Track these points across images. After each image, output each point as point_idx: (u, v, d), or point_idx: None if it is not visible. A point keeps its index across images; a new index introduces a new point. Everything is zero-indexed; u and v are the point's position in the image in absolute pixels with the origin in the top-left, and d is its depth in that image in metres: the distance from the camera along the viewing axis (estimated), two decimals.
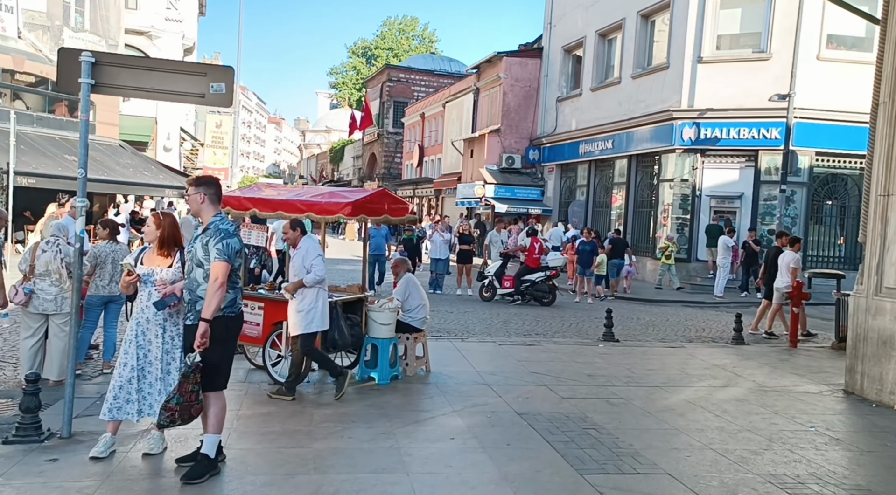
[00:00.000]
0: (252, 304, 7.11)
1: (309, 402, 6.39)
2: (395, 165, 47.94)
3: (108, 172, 19.45)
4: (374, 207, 6.77)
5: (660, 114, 20.30)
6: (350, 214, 6.46)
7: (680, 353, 9.38)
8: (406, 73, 48.09)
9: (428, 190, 38.25)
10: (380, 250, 15.32)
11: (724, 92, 19.05)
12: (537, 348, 9.38)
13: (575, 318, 12.76)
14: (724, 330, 12.09)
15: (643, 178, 22.27)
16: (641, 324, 12.43)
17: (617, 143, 22.80)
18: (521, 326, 11.51)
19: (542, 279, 14.42)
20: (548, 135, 27.41)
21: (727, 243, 17.16)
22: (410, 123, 44.46)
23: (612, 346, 9.71)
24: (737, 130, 18.99)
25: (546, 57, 28.03)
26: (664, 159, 20.64)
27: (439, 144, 37.69)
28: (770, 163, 18.83)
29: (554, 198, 27.44)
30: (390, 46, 67.72)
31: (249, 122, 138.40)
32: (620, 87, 22.96)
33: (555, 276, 14.72)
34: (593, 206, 24.96)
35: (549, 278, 14.52)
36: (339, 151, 66.36)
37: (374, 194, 6.88)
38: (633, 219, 22.52)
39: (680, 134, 19.66)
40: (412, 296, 7.53)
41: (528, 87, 28.49)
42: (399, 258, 7.93)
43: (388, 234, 16.20)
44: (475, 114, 31.58)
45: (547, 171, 28.09)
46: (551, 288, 14.54)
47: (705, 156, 19.74)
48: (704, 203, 19.83)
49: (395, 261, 7.91)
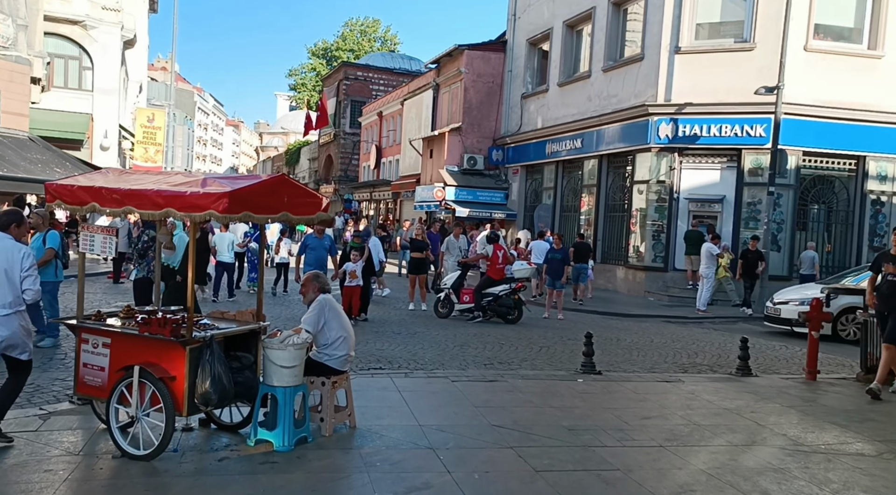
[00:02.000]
0: (95, 340, 4.97)
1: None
2: (352, 167, 45.69)
3: (11, 168, 16.96)
4: (264, 202, 4.67)
5: (634, 109, 18.61)
6: (226, 210, 4.37)
7: (679, 391, 7.48)
8: (364, 71, 45.92)
9: (385, 193, 36.14)
10: (320, 266, 11.09)
11: (704, 85, 17.42)
12: (501, 385, 7.38)
13: (545, 340, 10.81)
14: (719, 354, 10.26)
15: (615, 180, 20.54)
16: (623, 346, 10.53)
17: (587, 142, 21.05)
18: (481, 352, 9.51)
19: (507, 292, 12.46)
20: (512, 134, 25.57)
21: (711, 251, 15.45)
22: (368, 123, 42.30)
23: (594, 381, 7.77)
24: (718, 127, 17.36)
25: (510, 50, 26.22)
26: (638, 159, 18.93)
27: (398, 145, 35.63)
28: (755, 163, 17.22)
29: (519, 202, 25.59)
30: (351, 48, 65.62)
31: (206, 124, 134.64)
32: (590, 81, 21.23)
33: (520, 289, 12.78)
34: (561, 210, 23.17)
35: (515, 292, 12.57)
36: (294, 153, 63.78)
37: (266, 182, 4.76)
38: (603, 225, 20.76)
39: (656, 131, 17.97)
40: (329, 326, 5.45)
41: (490, 83, 26.64)
42: (312, 273, 5.83)
43: (333, 245, 11.94)
44: (435, 111, 29.61)
45: (511, 173, 26.24)
46: (517, 303, 12.58)
47: (683, 155, 18.08)
48: (682, 207, 18.16)
49: (306, 276, 5.83)
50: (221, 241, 13.83)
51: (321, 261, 11.01)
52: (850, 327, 12.19)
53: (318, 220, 5.33)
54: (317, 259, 10.99)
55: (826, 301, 10.30)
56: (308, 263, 11.00)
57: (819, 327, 8.27)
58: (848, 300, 12.06)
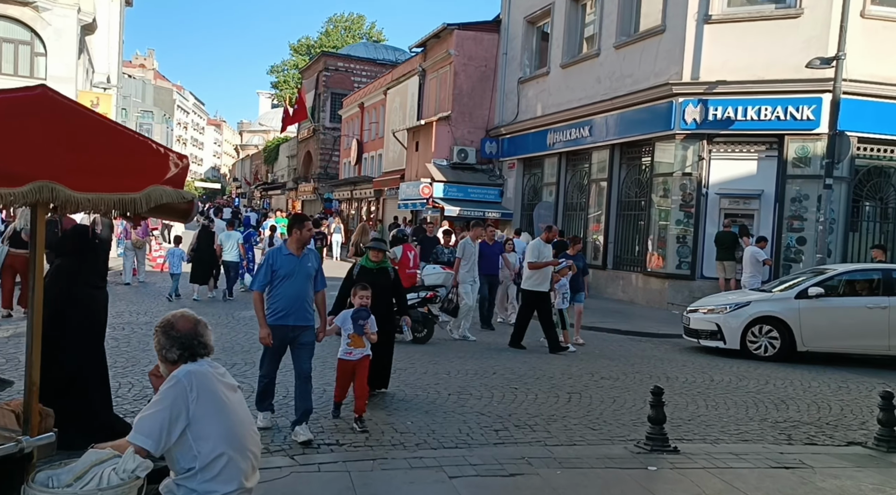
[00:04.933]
0: None
1: None
2: (332, 164, 42.70)
3: None
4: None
5: (653, 90, 15.88)
6: None
7: (817, 490, 4.67)
8: (345, 61, 42.93)
9: (367, 191, 33.21)
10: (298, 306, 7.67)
11: (739, 60, 14.72)
12: (528, 483, 4.53)
13: (572, 380, 7.96)
14: (814, 402, 7.46)
15: (630, 173, 17.79)
16: (678, 389, 7.72)
17: (595, 131, 18.29)
18: (486, 405, 6.65)
19: (416, 303, 9.96)
20: (508, 123, 22.77)
21: (757, 256, 12.75)
22: (348, 116, 39.34)
23: (672, 466, 4.96)
24: (756, 109, 14.65)
25: (505, 30, 23.42)
26: (659, 148, 16.21)
27: (380, 138, 32.72)
28: (800, 152, 14.53)
29: (515, 200, 22.79)
30: (335, 44, 62.87)
31: (186, 123, 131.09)
32: (599, 60, 18.47)
33: (432, 300, 10.34)
34: (564, 209, 20.39)
35: (426, 302, 10.19)
36: (273, 151, 60.68)
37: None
38: (615, 225, 18.00)
39: (681, 115, 15.26)
40: (195, 435, 2.60)
41: (483, 67, 23.82)
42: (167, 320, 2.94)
43: (321, 272, 5.90)
44: (421, 100, 26.74)
45: (507, 167, 23.43)
46: (426, 317, 10.12)
47: (714, 143, 15.37)
48: (712, 203, 15.45)
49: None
50: (228, 240, 13.87)
51: (300, 298, 5.49)
52: (761, 340, 10.21)
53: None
54: (295, 295, 5.44)
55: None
56: (278, 301, 5.45)
57: None
58: (760, 308, 10.27)
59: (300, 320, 5.41)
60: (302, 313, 5.42)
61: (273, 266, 5.40)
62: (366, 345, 5.77)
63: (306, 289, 5.46)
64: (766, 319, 10.22)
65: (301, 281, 5.41)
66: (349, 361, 5.75)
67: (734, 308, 10.45)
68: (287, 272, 5.37)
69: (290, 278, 5.36)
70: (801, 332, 10.06)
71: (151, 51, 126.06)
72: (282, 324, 5.35)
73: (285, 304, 5.35)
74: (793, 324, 10.07)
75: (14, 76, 28.15)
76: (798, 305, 10.14)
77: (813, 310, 10.07)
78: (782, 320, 10.13)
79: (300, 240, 5.47)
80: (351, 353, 5.74)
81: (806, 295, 10.16)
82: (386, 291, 6.60)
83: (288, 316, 5.35)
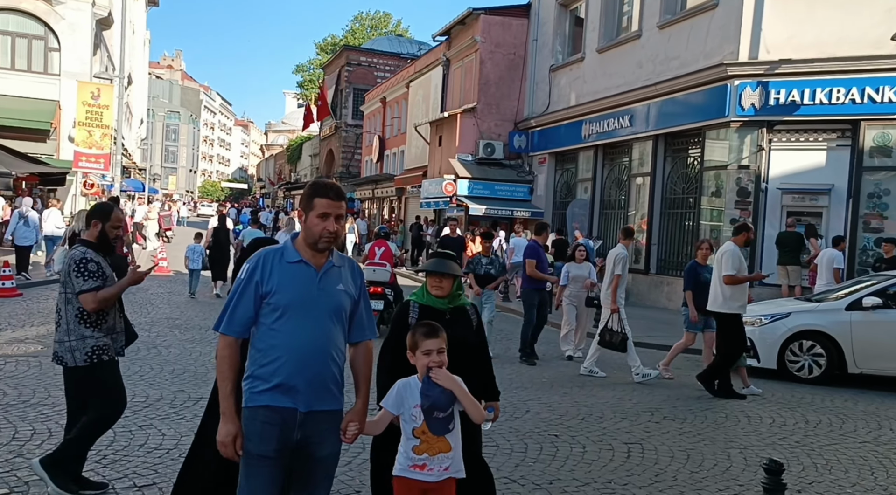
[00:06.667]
0: None
1: None
2: (354, 162, 41.31)
3: None
4: None
5: (704, 73, 14.07)
6: None
7: None
8: (367, 55, 41.49)
9: (389, 189, 31.72)
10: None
11: (806, 35, 12.89)
12: None
13: (630, 426, 6.23)
14: None
15: (676, 167, 15.98)
16: (772, 439, 5.97)
17: (637, 120, 16.51)
18: (598, 470, 4.99)
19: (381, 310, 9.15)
20: (538, 115, 21.04)
21: (834, 260, 10.90)
22: (370, 111, 37.89)
23: None
24: (826, 91, 12.78)
25: (535, 15, 21.71)
26: (711, 138, 14.43)
27: (403, 134, 31.18)
28: (879, 140, 12.62)
29: (546, 197, 21.05)
30: (360, 43, 61.69)
31: (213, 123, 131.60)
32: (641, 43, 16.69)
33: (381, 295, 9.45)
34: (601, 207, 18.61)
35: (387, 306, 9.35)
36: (296, 150, 59.59)
37: None
38: (660, 224, 16.19)
39: (737, 100, 13.45)
40: None
41: (512, 55, 22.12)
42: None
43: (364, 291, 3.09)
44: (444, 91, 25.12)
45: (537, 162, 21.70)
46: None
47: (775, 131, 13.52)
48: (773, 200, 13.60)
49: None
50: (251, 238, 12.17)
51: (318, 355, 2.74)
52: (803, 359, 8.52)
53: None
54: (306, 348, 2.69)
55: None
56: (272, 359, 2.69)
57: None
58: (801, 321, 8.66)
59: (316, 400, 2.69)
60: (319, 385, 2.69)
61: (263, 283, 2.69)
62: (452, 448, 2.88)
63: (331, 336, 2.72)
64: (810, 334, 8.60)
65: (321, 318, 2.71)
66: (418, 483, 2.87)
67: (770, 320, 8.75)
68: (293, 299, 2.68)
69: (298, 311, 2.68)
70: (852, 351, 8.38)
71: (179, 51, 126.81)
72: (277, 406, 2.64)
73: (286, 366, 2.65)
74: (842, 341, 8.39)
75: (28, 72, 27.20)
76: (849, 318, 8.45)
77: (868, 325, 8.38)
78: (829, 335, 8.47)
79: (321, 234, 2.69)
80: (422, 466, 2.85)
81: (860, 305, 8.43)
82: (464, 352, 3.37)
83: (291, 390, 2.65)
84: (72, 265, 3.92)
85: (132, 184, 38.72)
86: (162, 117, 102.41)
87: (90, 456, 4.64)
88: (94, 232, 4.09)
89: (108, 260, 4.15)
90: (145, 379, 6.81)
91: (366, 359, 2.89)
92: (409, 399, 2.88)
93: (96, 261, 3.96)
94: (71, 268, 3.92)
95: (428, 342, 2.89)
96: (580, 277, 9.36)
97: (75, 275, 3.90)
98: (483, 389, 3.51)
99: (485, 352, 3.68)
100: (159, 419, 5.51)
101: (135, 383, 6.62)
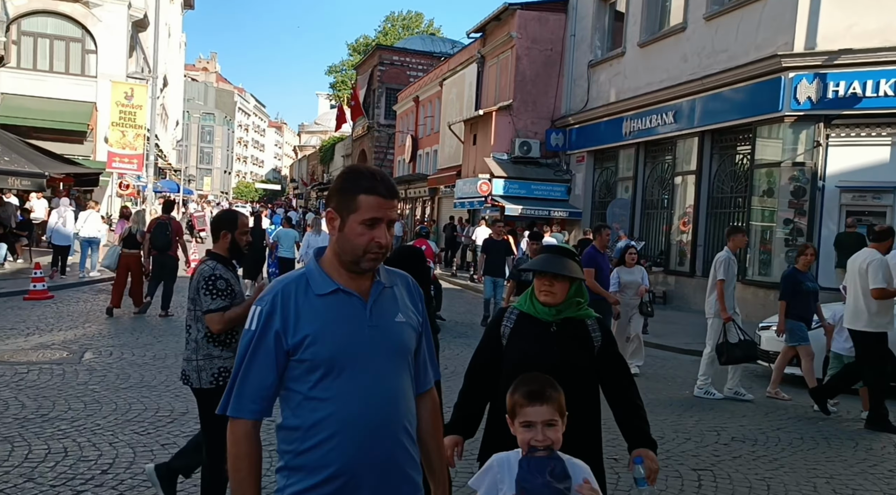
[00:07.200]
0: None
1: None
2: (387, 163, 40.99)
3: None
4: None
5: (756, 65, 13.34)
6: None
7: None
8: (400, 55, 41.15)
9: (421, 189, 31.31)
10: None
11: (868, 23, 12.09)
12: None
13: (696, 449, 5.64)
14: None
15: (724, 164, 15.24)
16: (877, 476, 5.34)
17: (681, 116, 15.81)
18: None
19: None
20: (576, 112, 20.41)
21: None
22: (403, 111, 37.54)
23: None
24: (891, 83, 11.97)
25: (573, 9, 21.07)
26: (763, 133, 13.70)
27: (436, 133, 30.74)
28: None
29: (584, 197, 20.40)
30: (392, 43, 61.58)
31: (247, 125, 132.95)
32: (686, 35, 15.98)
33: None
34: (643, 207, 17.92)
35: None
36: (328, 150, 59.61)
37: None
38: (706, 225, 15.46)
39: (792, 93, 12.70)
40: None
41: (549, 51, 21.51)
42: None
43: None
44: (479, 89, 24.59)
45: (575, 161, 21.07)
46: None
47: (833, 126, 12.74)
48: (831, 199, 12.81)
49: None
50: (286, 237, 13.82)
51: (385, 424, 1.84)
52: None
53: None
54: (370, 416, 1.81)
55: None
56: (320, 441, 1.79)
57: None
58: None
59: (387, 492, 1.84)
60: (394, 472, 1.84)
61: (288, 332, 1.81)
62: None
63: (399, 394, 1.88)
64: None
65: (382, 370, 1.85)
66: None
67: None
68: (338, 348, 1.81)
69: (348, 366, 1.81)
70: None
71: (214, 54, 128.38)
72: None
73: (341, 450, 1.78)
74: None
75: (66, 74, 27.44)
76: None
77: None
78: None
79: (367, 249, 1.82)
80: None
81: None
82: (575, 380, 2.60)
83: (352, 485, 1.78)
84: (200, 282, 3.66)
85: (167, 185, 38.98)
86: (197, 119, 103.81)
87: (105, 481, 4.26)
88: (224, 243, 3.84)
89: (236, 272, 3.91)
90: (171, 389, 6.44)
91: (434, 422, 2.02)
92: (506, 482, 1.98)
93: (225, 279, 3.68)
94: (200, 284, 3.66)
95: (530, 410, 1.97)
96: (633, 283, 8.46)
97: (204, 292, 3.64)
98: (641, 435, 2.61)
99: (622, 378, 2.74)
100: (184, 436, 5.11)
101: (160, 394, 6.26)
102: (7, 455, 4.55)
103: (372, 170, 1.88)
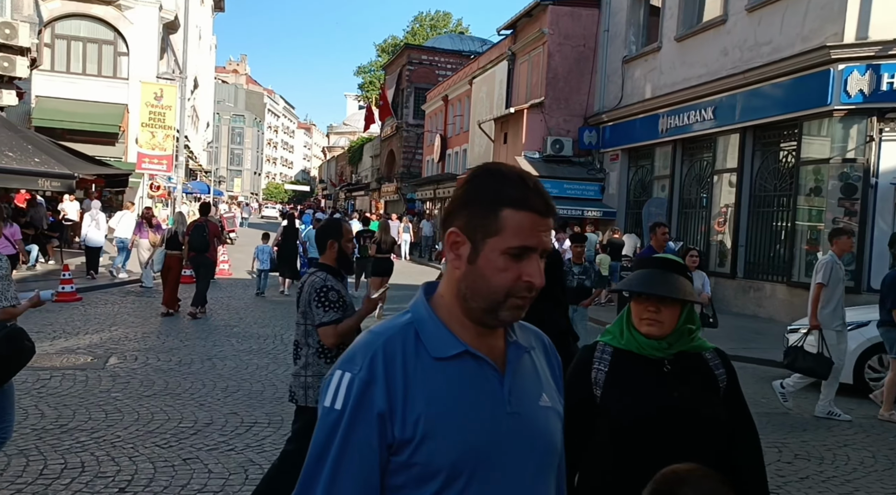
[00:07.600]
0: None
1: None
2: (415, 163, 40.77)
3: None
4: None
5: (802, 58, 12.73)
6: None
7: None
8: (429, 54, 40.87)
9: (451, 189, 30.96)
10: None
11: None
12: None
13: None
14: None
15: (767, 161, 14.63)
16: None
17: (721, 112, 15.23)
18: None
19: None
20: (610, 109, 19.89)
21: None
22: (432, 110, 37.26)
23: None
24: None
25: (606, 5, 20.55)
26: (809, 129, 13.08)
27: (465, 132, 30.39)
28: None
29: (619, 196, 19.88)
30: (420, 43, 61.44)
31: (276, 126, 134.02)
32: (726, 28, 15.39)
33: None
34: (680, 206, 17.34)
35: None
36: (357, 151, 59.63)
37: None
38: (747, 224, 14.86)
39: (842, 86, 12.07)
40: None
41: (581, 47, 21.02)
42: None
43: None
44: (510, 86, 24.17)
45: (609, 159, 20.55)
46: None
47: (887, 119, 12.09)
48: (884, 196, 12.17)
49: None
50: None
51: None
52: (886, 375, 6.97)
53: None
54: None
55: None
56: None
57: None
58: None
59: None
60: None
61: (397, 417, 1.16)
62: None
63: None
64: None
65: (527, 480, 1.23)
66: None
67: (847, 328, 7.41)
68: (469, 446, 1.17)
69: (480, 474, 1.17)
70: None
71: (244, 56, 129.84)
72: None
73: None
74: None
75: (98, 76, 27.66)
76: None
77: None
78: None
79: (512, 292, 1.20)
80: None
81: None
82: (696, 429, 2.01)
83: None
84: (312, 294, 3.46)
85: (198, 187, 39.22)
86: (227, 121, 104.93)
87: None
88: (332, 253, 3.66)
89: (345, 283, 3.70)
90: (196, 398, 6.18)
91: None
92: None
93: (336, 290, 3.48)
94: (311, 296, 3.45)
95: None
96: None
97: (316, 305, 3.44)
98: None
99: (746, 431, 2.15)
100: (206, 450, 4.82)
101: (184, 403, 6.00)
102: (21, 470, 4.30)
103: (521, 174, 1.23)
